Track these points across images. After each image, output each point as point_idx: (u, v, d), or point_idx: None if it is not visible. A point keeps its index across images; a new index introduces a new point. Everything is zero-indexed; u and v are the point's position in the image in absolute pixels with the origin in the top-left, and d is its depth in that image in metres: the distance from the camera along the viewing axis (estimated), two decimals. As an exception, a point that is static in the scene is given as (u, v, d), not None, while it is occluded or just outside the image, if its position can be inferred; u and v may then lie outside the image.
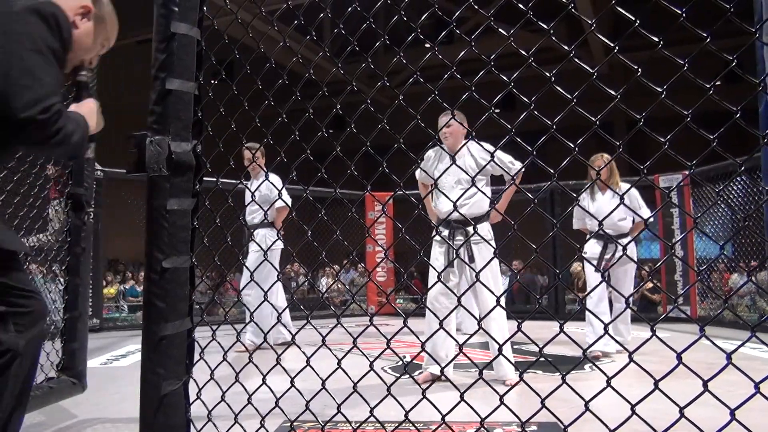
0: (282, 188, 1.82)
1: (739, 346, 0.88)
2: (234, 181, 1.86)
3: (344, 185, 1.56)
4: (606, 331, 1.15)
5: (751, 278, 1.01)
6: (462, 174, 3.42)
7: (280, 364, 1.33)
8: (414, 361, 4.22)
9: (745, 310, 7.71)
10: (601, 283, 1.44)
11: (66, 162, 4.80)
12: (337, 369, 1.32)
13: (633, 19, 0.99)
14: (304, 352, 1.35)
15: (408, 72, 1.58)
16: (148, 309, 1.22)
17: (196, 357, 1.35)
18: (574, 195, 1.11)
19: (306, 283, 9.85)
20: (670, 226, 7.44)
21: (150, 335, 1.21)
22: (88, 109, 1.45)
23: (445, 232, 3.50)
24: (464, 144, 3.49)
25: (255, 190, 4.25)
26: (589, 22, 1.03)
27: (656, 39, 0.98)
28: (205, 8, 1.37)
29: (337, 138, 1.49)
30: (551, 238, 4.60)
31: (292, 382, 1.33)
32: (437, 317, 1.47)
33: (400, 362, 2.37)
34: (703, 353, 0.94)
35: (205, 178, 1.41)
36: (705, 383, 0.91)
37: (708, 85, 0.93)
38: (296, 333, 1.41)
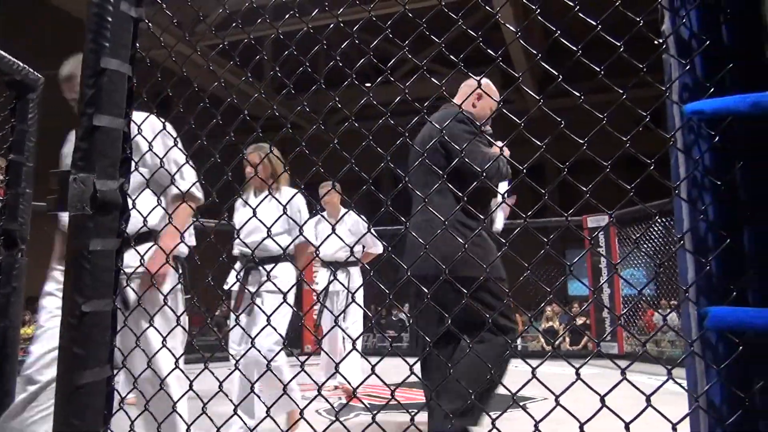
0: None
1: (657, 390, 0.93)
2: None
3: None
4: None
5: (666, 322, 1.05)
6: None
7: (206, 414, 1.26)
8: (350, 404, 4.15)
9: (668, 345, 8.06)
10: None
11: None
12: (266, 417, 1.27)
13: (556, 74, 1.05)
14: (231, 401, 1.30)
15: (350, 107, 1.63)
16: (65, 356, 1.14)
17: (116, 407, 1.27)
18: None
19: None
20: (597, 265, 7.79)
21: (65, 384, 1.12)
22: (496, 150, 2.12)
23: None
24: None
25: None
26: (517, 75, 1.08)
27: (578, 94, 1.04)
28: (137, 45, 1.34)
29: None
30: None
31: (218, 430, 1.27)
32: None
33: (336, 403, 2.32)
34: (629, 390, 0.99)
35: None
36: (627, 425, 0.94)
37: (625, 138, 0.99)
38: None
